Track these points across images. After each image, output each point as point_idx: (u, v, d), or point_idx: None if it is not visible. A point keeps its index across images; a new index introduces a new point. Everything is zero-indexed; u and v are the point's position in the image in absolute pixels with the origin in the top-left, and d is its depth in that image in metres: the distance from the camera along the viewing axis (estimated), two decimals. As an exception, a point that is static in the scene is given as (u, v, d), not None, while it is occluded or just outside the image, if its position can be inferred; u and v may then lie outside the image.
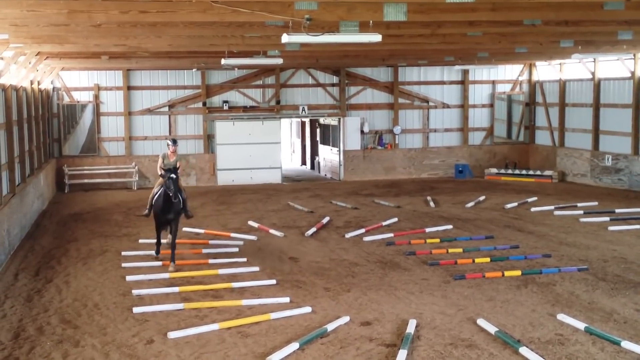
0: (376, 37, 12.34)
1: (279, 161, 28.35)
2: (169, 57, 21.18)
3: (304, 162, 34.89)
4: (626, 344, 9.32)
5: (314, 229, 17.76)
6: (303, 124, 34.75)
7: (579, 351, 9.23)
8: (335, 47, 17.91)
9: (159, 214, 14.56)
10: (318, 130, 31.77)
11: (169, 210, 14.40)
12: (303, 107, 28.41)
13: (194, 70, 26.96)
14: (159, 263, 14.50)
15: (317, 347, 9.51)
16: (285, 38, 11.88)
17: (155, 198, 14.65)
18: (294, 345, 9.42)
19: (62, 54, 19.55)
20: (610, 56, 22.91)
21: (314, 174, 31.52)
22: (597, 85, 26.15)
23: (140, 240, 16.78)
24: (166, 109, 27.53)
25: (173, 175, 14.16)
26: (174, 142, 15.06)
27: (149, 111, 27.34)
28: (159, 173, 14.63)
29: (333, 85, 28.81)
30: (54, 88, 26.28)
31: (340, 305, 11.49)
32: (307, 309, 11.17)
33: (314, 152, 32.88)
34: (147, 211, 15.07)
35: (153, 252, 15.13)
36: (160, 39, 15.75)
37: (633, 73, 24.19)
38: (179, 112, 27.63)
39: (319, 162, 31.79)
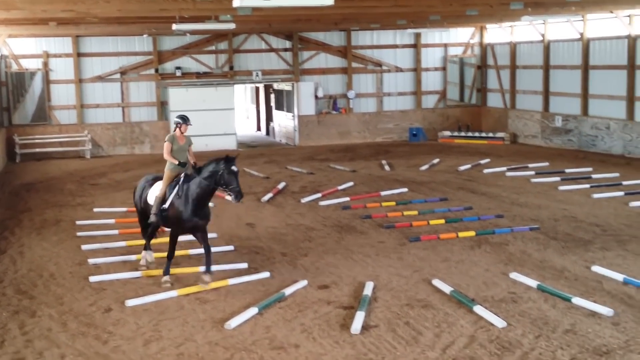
0: (328, 1, 12.27)
1: (234, 127, 28.22)
2: (118, 22, 20.81)
3: (258, 128, 34.78)
4: (577, 300, 9.59)
5: (270, 195, 17.80)
6: (257, 89, 34.58)
7: (531, 308, 9.47)
8: (288, 11, 17.80)
9: (185, 220, 10.76)
10: (272, 95, 31.65)
11: (200, 215, 10.84)
12: (257, 73, 28.26)
13: (144, 36, 26.60)
14: (115, 231, 14.39)
15: (276, 312, 9.61)
16: (236, 2, 11.69)
17: (172, 200, 10.82)
18: (253, 310, 9.50)
19: (8, 20, 19.07)
20: (560, 18, 23.16)
21: (269, 140, 31.46)
22: (546, 47, 26.48)
23: (95, 209, 16.63)
24: (118, 76, 27.16)
25: (234, 168, 10.62)
26: (185, 119, 11.61)
27: (100, 78, 26.94)
28: (171, 163, 11.31)
29: (286, 50, 28.69)
30: (1, 56, 25.68)
31: (297, 270, 11.60)
32: (265, 274, 11.25)
33: (269, 118, 32.78)
34: (154, 218, 11.08)
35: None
36: (109, 4, 15.47)
37: (582, 35, 24.53)
38: (131, 79, 27.29)
39: (273, 128, 31.73)
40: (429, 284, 10.62)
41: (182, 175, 11.09)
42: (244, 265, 11.82)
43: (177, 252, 12.57)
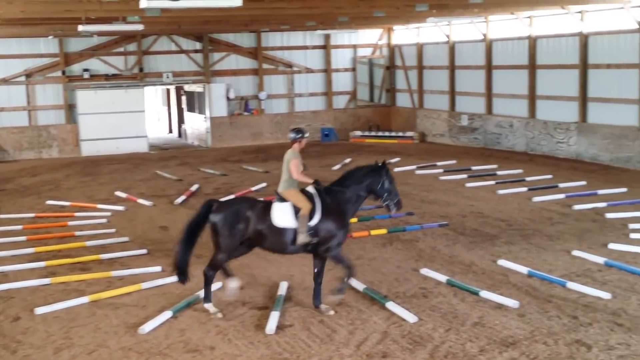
0: (236, 2, 12.29)
1: (145, 130, 27.85)
2: (22, 24, 20.25)
3: (170, 130, 34.42)
4: (484, 294, 9.90)
5: (183, 197, 17.69)
6: (168, 91, 34.22)
7: (441, 303, 9.74)
8: (197, 13, 17.71)
9: (345, 233, 9.90)
10: (183, 97, 31.39)
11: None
12: (167, 74, 27.98)
13: (50, 37, 25.94)
14: (23, 238, 14.02)
15: (190, 314, 9.59)
16: (144, 3, 11.57)
17: (321, 216, 9.62)
18: (167, 314, 9.45)
19: None
20: (463, 20, 23.82)
21: (181, 142, 31.19)
22: (452, 48, 27.18)
23: (1, 216, 16.15)
24: (23, 78, 26.40)
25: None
26: (302, 132, 10.29)
27: (5, 81, 26.15)
28: (294, 182, 9.98)
29: (197, 51, 28.50)
30: None
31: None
32: (179, 277, 11.18)
33: (181, 120, 32.50)
34: (305, 237, 9.56)
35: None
36: (11, 5, 15.05)
37: (485, 36, 25.29)
38: (37, 82, 26.59)
39: (185, 130, 31.46)
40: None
41: (314, 189, 9.92)
42: (158, 269, 11.73)
43: (87, 258, 12.41)
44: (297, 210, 9.62)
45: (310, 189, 9.91)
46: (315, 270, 9.73)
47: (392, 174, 9.88)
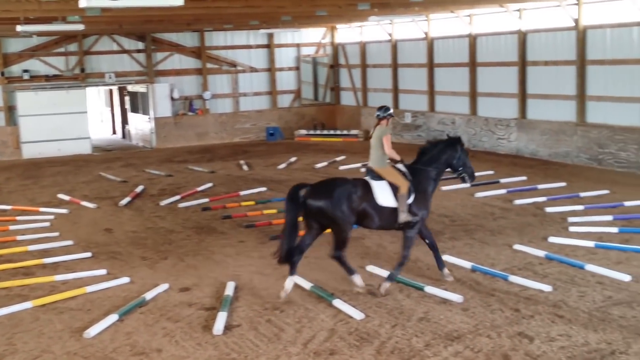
0: (178, 1, 12.22)
1: (88, 131, 27.47)
2: (-43, 25, 19.84)
3: (114, 131, 34.01)
4: (429, 289, 10.01)
5: (128, 199, 17.52)
6: (111, 92, 33.79)
7: (387, 299, 9.83)
8: (138, 12, 17.53)
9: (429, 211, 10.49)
10: (127, 98, 31.03)
11: None
12: (109, 75, 27.66)
13: (-13, 38, 25.42)
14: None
15: (137, 317, 9.53)
16: (83, 3, 11.38)
17: (414, 194, 10.02)
18: (113, 317, 9.37)
19: None
20: (405, 18, 24.09)
21: (125, 143, 30.84)
22: (394, 47, 27.45)
23: (-61, 222, 15.79)
24: (-41, 80, 25.83)
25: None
26: (387, 109, 10.57)
27: (-61, 83, 25.54)
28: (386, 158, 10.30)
29: (139, 51, 28.22)
30: None
31: (158, 274, 11.52)
32: (125, 280, 11.10)
33: (124, 121, 32.12)
34: (407, 215, 9.96)
35: None
36: (-54, 6, 14.75)
37: (427, 34, 25.60)
38: (-27, 84, 26.01)
39: (129, 131, 31.13)
40: (290, 281, 10.83)
41: (404, 167, 10.27)
42: (103, 272, 11.60)
43: (30, 262, 12.23)
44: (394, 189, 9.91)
45: (401, 166, 10.21)
46: (428, 242, 10.41)
47: (465, 146, 10.45)
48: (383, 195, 9.93)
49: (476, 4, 20.85)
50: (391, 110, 10.62)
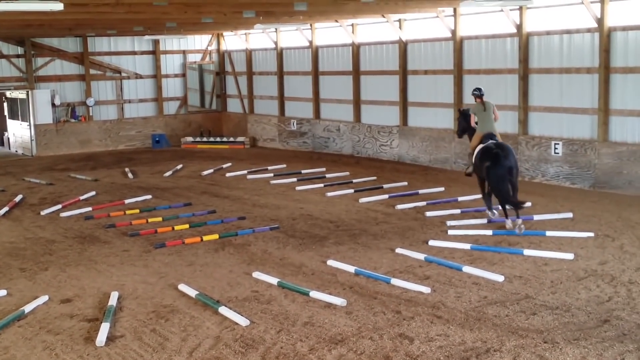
0: (57, 6, 11.98)
1: (-39, 139, 26.34)
2: None
3: (-10, 139, 32.69)
4: (314, 294, 10.14)
5: (6, 209, 16.92)
6: (-13, 98, 32.46)
7: (272, 305, 9.93)
8: (16, 16, 17.00)
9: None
10: (5, 104, 29.93)
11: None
12: (-14, 81, 26.62)
13: None
14: None
15: (15, 330, 9.25)
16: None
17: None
18: (-10, 331, 9.09)
19: None
20: (290, 27, 24.34)
21: (3, 151, 29.72)
22: (280, 55, 27.68)
23: None
24: None
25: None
26: (480, 89, 14.40)
27: None
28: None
29: (18, 56, 27.29)
30: None
31: (37, 285, 11.22)
32: (2, 292, 10.74)
33: (3, 128, 30.95)
34: None
35: None
36: None
37: (311, 42, 25.96)
38: None
39: (8, 138, 30.04)
40: (175, 289, 10.77)
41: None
42: (-22, 286, 11.21)
43: None
44: None
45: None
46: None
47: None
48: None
49: (359, 14, 21.33)
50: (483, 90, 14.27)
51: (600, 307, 9.46)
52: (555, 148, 18.30)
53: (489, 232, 13.43)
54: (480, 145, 13.72)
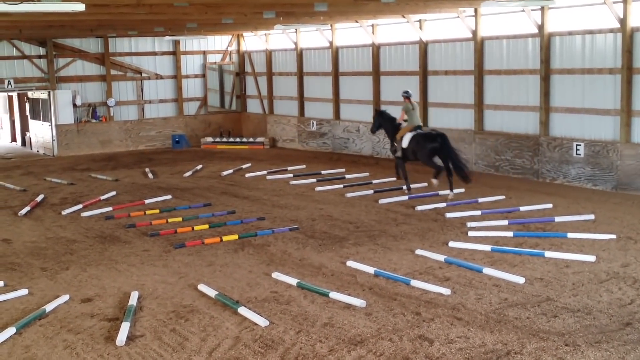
0: (79, 7, 12.04)
1: (-16, 139, 26.59)
2: None
3: (14, 139, 32.99)
4: (333, 295, 10.14)
5: (27, 208, 17.06)
6: (10, 98, 32.76)
7: (292, 305, 9.92)
8: (39, 17, 17.15)
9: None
10: (27, 104, 30.18)
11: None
12: (9, 81, 26.83)
13: None
14: None
15: (36, 330, 9.31)
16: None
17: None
18: (10, 330, 9.12)
19: None
20: (310, 27, 24.34)
21: (25, 151, 29.97)
22: (300, 55, 27.68)
23: None
24: None
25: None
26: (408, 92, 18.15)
27: None
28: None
29: (40, 57, 27.51)
30: None
31: (59, 284, 11.29)
32: (24, 291, 10.83)
33: (25, 128, 31.22)
34: None
35: None
36: None
37: (331, 43, 25.94)
38: None
39: (30, 138, 30.28)
40: (195, 289, 10.80)
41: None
42: (0, 284, 11.29)
43: None
44: None
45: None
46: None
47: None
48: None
49: (379, 14, 21.29)
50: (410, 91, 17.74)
51: (622, 310, 9.37)
52: (577, 149, 18.15)
53: (510, 234, 13.33)
54: (411, 134, 17.14)
